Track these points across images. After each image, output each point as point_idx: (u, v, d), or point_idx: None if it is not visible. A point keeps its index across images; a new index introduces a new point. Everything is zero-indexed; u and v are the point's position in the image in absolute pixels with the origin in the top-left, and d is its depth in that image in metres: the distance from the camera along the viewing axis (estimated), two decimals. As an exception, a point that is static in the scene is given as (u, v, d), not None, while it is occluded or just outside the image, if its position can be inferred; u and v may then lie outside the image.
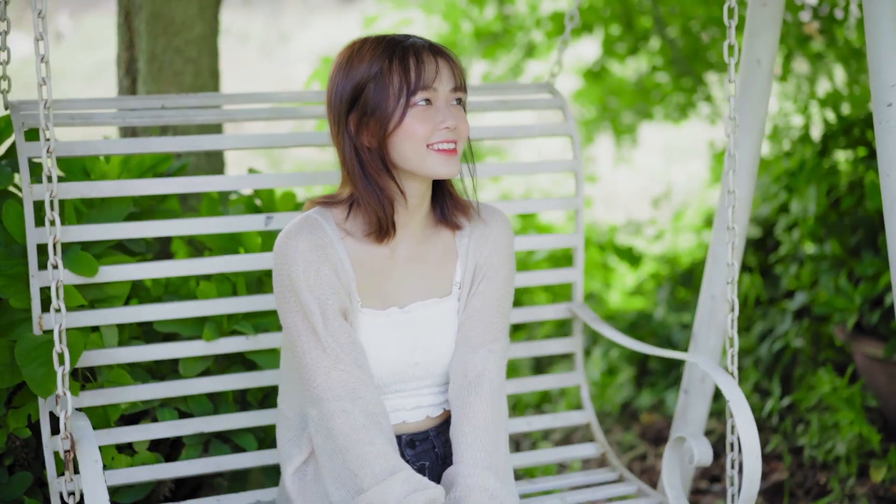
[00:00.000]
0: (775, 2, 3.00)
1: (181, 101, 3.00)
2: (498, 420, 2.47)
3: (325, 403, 2.35)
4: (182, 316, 2.90)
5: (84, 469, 2.30)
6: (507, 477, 2.49)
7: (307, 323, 2.36)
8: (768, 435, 4.31)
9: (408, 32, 2.45)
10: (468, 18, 5.82)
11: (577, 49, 6.07)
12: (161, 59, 3.76)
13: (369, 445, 2.34)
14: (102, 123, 2.87)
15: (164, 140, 2.92)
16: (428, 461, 2.57)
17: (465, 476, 2.41)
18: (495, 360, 2.50)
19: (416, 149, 2.35)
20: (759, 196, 4.88)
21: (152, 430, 2.88)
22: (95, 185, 2.80)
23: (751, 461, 2.63)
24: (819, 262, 4.35)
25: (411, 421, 2.54)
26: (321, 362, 2.36)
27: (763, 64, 3.04)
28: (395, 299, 2.47)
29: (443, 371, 2.53)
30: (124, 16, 3.85)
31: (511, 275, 2.57)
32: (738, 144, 3.12)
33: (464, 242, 2.52)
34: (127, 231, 2.83)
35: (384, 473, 2.33)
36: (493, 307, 2.52)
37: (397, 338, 2.47)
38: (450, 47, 5.35)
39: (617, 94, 6.01)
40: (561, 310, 3.27)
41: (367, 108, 2.34)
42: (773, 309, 4.63)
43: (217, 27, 3.90)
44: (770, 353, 4.50)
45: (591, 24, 5.59)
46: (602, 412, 4.86)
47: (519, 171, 3.44)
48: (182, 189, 2.90)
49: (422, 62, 2.34)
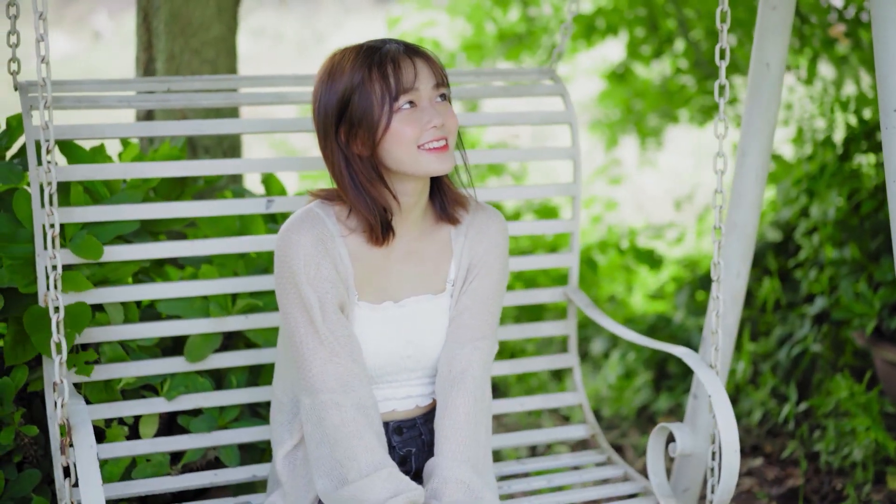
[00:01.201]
0: (785, 5, 2.98)
1: (187, 83, 3.04)
2: (479, 415, 2.57)
3: (319, 394, 2.44)
4: (186, 295, 2.97)
5: (79, 452, 2.34)
6: (486, 470, 2.59)
7: (306, 315, 2.44)
8: (786, 440, 4.29)
9: (386, 37, 2.52)
10: (493, 20, 5.81)
11: (601, 51, 6.06)
12: (178, 59, 3.80)
13: (358, 439, 2.43)
14: (109, 106, 2.91)
15: (170, 124, 2.96)
16: (414, 447, 2.66)
17: (443, 468, 2.51)
18: (480, 357, 2.58)
19: (408, 151, 2.40)
20: (780, 199, 4.86)
21: (156, 405, 2.96)
22: (102, 168, 2.86)
23: (729, 456, 2.71)
24: (839, 267, 4.33)
25: (401, 409, 2.64)
26: (317, 354, 2.44)
27: (773, 67, 3.03)
28: (391, 294, 2.56)
29: (433, 363, 2.62)
30: (143, 16, 3.88)
31: (504, 275, 2.65)
32: (746, 148, 3.11)
33: (459, 241, 2.60)
34: (127, 213, 2.88)
35: (369, 468, 2.42)
36: (482, 305, 2.60)
37: (391, 331, 2.56)
38: (474, 49, 5.31)
39: (641, 96, 6.00)
40: (556, 293, 3.34)
41: (354, 119, 2.40)
42: (793, 313, 4.60)
43: (236, 28, 3.93)
44: (788, 357, 4.47)
45: (616, 25, 5.58)
46: (619, 415, 4.84)
47: (517, 158, 3.52)
48: (188, 172, 2.95)
49: (399, 67, 2.39)
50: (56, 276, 2.42)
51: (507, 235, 2.66)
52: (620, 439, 4.61)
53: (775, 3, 2.99)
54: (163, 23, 3.79)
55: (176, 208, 2.94)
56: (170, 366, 2.97)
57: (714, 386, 2.75)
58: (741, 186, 3.14)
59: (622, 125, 6.12)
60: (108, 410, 2.89)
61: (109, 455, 2.87)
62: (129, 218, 2.88)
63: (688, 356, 2.85)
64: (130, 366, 2.92)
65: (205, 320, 2.98)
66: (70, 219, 2.80)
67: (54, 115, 2.45)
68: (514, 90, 3.34)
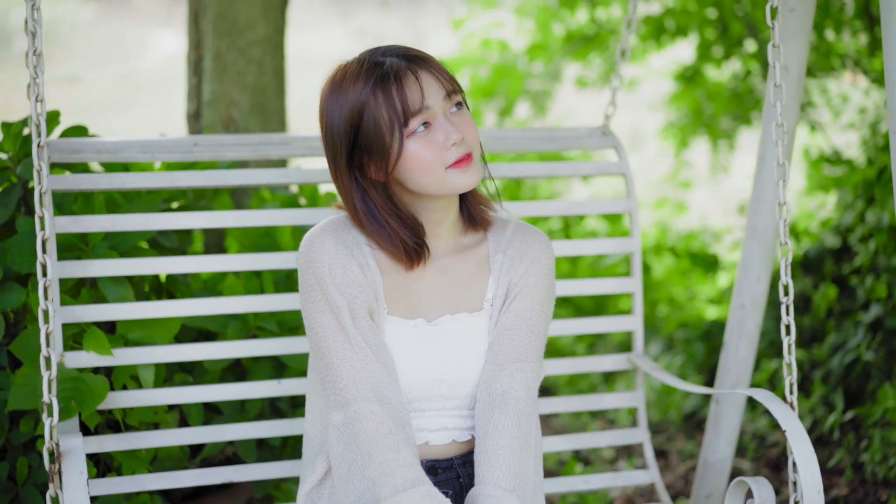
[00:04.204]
0: (804, 7, 2.94)
1: (214, 139, 3.00)
2: (525, 443, 2.31)
3: (352, 405, 2.25)
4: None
5: (67, 480, 2.28)
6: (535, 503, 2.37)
7: (335, 320, 2.27)
8: (833, 449, 4.22)
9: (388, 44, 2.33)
10: (560, 21, 5.80)
11: (671, 53, 6.01)
12: (225, 58, 3.87)
13: (394, 452, 2.22)
14: (127, 160, 2.90)
15: (188, 174, 2.91)
16: (451, 490, 2.42)
17: (488, 497, 2.24)
18: (523, 380, 2.34)
19: (433, 174, 2.25)
20: (839, 204, 4.78)
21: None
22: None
23: (811, 497, 2.49)
24: (894, 274, 4.24)
25: (435, 444, 2.40)
26: (349, 361, 2.26)
27: (792, 70, 2.99)
28: (424, 310, 2.38)
29: (471, 392, 2.38)
30: (193, 16, 3.98)
31: (549, 296, 2.44)
32: (765, 153, 3.08)
33: (498, 258, 2.41)
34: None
35: (405, 485, 2.19)
36: (525, 326, 2.38)
37: (423, 350, 2.36)
38: (540, 51, 5.21)
39: (713, 98, 5.92)
40: (620, 361, 3.20)
41: (365, 145, 2.26)
42: (847, 320, 4.51)
43: (283, 27, 3.99)
44: (841, 365, 4.39)
45: (686, 27, 5.53)
46: (666, 419, 4.81)
47: (571, 210, 3.30)
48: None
49: (403, 87, 2.22)
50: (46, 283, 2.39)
51: (553, 257, 2.45)
52: (667, 444, 4.58)
53: (793, 4, 2.94)
54: (210, 22, 3.87)
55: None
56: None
57: (792, 423, 2.53)
58: (761, 191, 3.11)
59: (693, 128, 6.06)
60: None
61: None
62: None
63: (763, 396, 2.63)
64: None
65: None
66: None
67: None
68: (564, 143, 3.24)
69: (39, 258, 2.39)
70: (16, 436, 2.91)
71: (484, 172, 2.36)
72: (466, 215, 2.42)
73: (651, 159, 7.88)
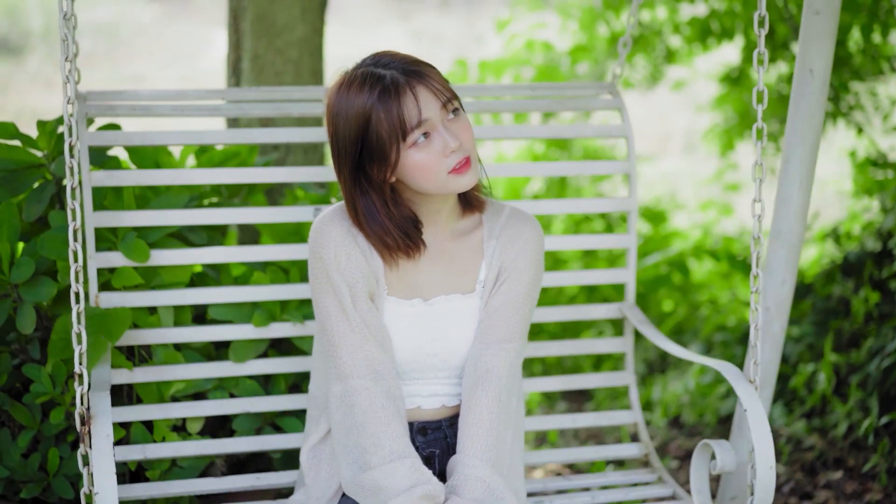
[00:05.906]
0: (829, 10, 2.93)
1: (241, 94, 3.14)
2: (503, 416, 2.54)
3: (350, 380, 2.49)
4: (235, 301, 3.06)
5: (96, 441, 2.45)
6: (514, 474, 2.59)
7: (338, 303, 2.50)
8: (869, 454, 4.19)
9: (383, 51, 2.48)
10: (605, 22, 5.80)
11: (717, 55, 5.98)
12: (263, 59, 3.94)
13: (384, 426, 2.47)
14: (161, 115, 3.03)
15: (223, 132, 3.07)
16: (438, 449, 2.67)
17: (465, 465, 2.50)
18: (506, 358, 2.57)
19: (435, 179, 2.44)
20: (883, 207, 4.73)
21: (203, 408, 3.05)
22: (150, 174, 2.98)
23: (763, 472, 2.67)
24: (934, 279, 4.21)
25: (426, 408, 2.65)
26: (349, 340, 2.50)
27: (816, 74, 2.98)
28: (420, 291, 2.60)
29: (461, 363, 2.63)
30: (233, 17, 4.04)
31: (536, 280, 2.65)
32: (789, 156, 3.07)
33: (491, 244, 2.61)
34: (179, 218, 2.99)
35: (392, 456, 2.45)
36: (511, 307, 2.60)
37: (419, 327, 2.59)
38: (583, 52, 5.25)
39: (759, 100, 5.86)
40: (612, 310, 3.33)
41: (370, 153, 2.43)
42: (886, 325, 4.47)
43: (322, 29, 4.04)
44: (878, 370, 4.35)
45: (731, 29, 5.51)
46: (701, 422, 4.79)
47: (571, 171, 3.47)
48: (233, 179, 3.05)
49: (401, 103, 2.38)
50: (77, 268, 2.50)
51: (542, 242, 2.65)
52: (699, 446, 4.56)
53: (819, 7, 2.93)
54: (249, 23, 3.93)
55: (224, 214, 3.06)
56: (218, 369, 3.06)
57: (751, 401, 2.71)
58: (785, 194, 3.10)
59: (739, 130, 6.02)
60: (157, 412, 3.00)
61: (154, 455, 2.96)
62: (171, 224, 3.01)
63: (727, 370, 2.82)
64: (179, 368, 3.02)
65: (251, 327, 3.07)
66: (122, 223, 2.94)
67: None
68: (569, 104, 3.35)
69: (71, 246, 2.51)
70: (47, 427, 2.99)
71: (481, 171, 2.59)
72: (463, 199, 2.62)
73: (700, 160, 7.84)
